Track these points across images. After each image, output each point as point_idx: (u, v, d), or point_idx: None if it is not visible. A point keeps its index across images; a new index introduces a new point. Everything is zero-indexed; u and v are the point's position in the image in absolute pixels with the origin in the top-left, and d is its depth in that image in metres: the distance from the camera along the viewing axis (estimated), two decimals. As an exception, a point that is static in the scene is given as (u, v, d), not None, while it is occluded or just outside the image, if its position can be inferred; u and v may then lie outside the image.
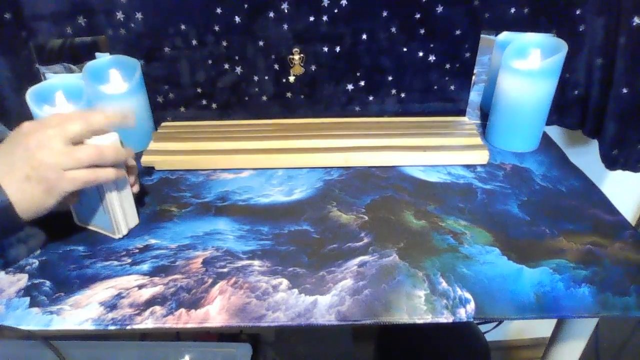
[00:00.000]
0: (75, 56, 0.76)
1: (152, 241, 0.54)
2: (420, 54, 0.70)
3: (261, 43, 0.68)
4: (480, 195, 0.61)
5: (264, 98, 0.73)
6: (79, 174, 0.46)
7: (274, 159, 0.66)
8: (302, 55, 0.69)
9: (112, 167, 0.48)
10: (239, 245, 0.53)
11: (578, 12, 0.67)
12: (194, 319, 0.44)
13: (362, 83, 0.72)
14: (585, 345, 0.62)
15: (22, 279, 0.49)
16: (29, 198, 0.44)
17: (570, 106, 0.75)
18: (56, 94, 0.62)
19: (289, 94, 0.73)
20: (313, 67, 0.70)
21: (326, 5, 0.65)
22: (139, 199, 0.60)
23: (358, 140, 0.68)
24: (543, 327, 1.23)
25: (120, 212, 0.52)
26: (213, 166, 0.67)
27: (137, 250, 0.52)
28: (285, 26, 0.67)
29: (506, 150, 0.70)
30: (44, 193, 0.45)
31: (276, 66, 0.70)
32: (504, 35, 0.76)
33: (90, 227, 0.55)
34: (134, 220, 0.55)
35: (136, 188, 0.55)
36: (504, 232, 0.54)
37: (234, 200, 0.60)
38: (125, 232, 0.54)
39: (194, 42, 0.68)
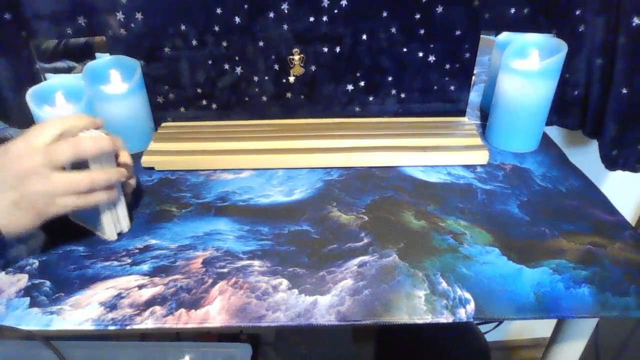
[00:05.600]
0: (70, 56, 0.76)
1: (152, 241, 0.54)
2: (420, 54, 0.70)
3: (261, 43, 0.68)
4: (480, 196, 0.61)
5: (264, 98, 0.73)
6: (69, 201, 0.46)
7: (274, 159, 0.66)
8: (302, 55, 0.69)
9: (103, 191, 0.48)
10: (239, 245, 0.53)
11: (578, 12, 0.67)
12: (194, 319, 0.44)
13: (362, 83, 0.72)
14: (585, 345, 0.62)
15: (22, 279, 0.49)
16: (15, 221, 0.44)
17: (570, 106, 0.75)
18: (56, 95, 0.62)
19: (289, 94, 0.73)
20: (313, 68, 0.70)
21: (326, 5, 0.65)
22: (138, 200, 0.60)
23: (358, 140, 0.68)
24: (543, 327, 1.23)
25: (110, 217, 0.52)
26: (213, 166, 0.67)
27: (137, 251, 0.52)
28: (285, 26, 0.67)
29: (506, 150, 0.70)
30: (32, 217, 0.45)
31: (276, 66, 0.70)
32: (504, 35, 0.76)
33: (83, 225, 0.55)
34: (125, 224, 0.55)
35: (133, 181, 0.54)
36: (504, 233, 0.54)
37: (234, 201, 0.60)
38: (115, 237, 0.53)
39: (194, 42, 0.68)
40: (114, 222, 0.53)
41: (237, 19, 0.66)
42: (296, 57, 0.69)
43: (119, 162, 0.52)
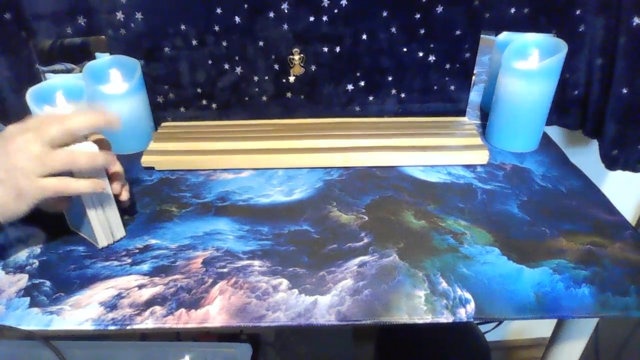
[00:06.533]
0: (68, 56, 0.76)
1: (152, 241, 0.54)
2: (420, 54, 0.70)
3: (261, 43, 0.68)
4: (480, 196, 0.61)
5: (264, 98, 0.73)
6: (48, 183, 0.44)
7: (274, 159, 0.66)
8: (302, 55, 0.69)
9: (87, 179, 0.46)
10: (239, 245, 0.53)
11: (578, 12, 0.67)
12: (194, 319, 0.44)
13: (362, 83, 0.72)
14: (585, 345, 0.62)
15: (22, 279, 0.49)
16: (1, 203, 0.44)
17: (570, 106, 0.75)
18: (56, 94, 0.62)
19: (289, 94, 0.73)
20: (313, 67, 0.70)
21: (326, 5, 0.65)
22: (138, 200, 0.60)
23: (358, 140, 0.68)
24: (543, 327, 1.23)
25: (99, 224, 0.51)
26: (213, 166, 0.67)
27: (137, 251, 0.52)
28: (285, 26, 0.67)
29: (506, 150, 0.70)
30: (14, 199, 0.44)
31: (276, 66, 0.70)
32: (504, 35, 0.76)
33: (79, 233, 0.54)
34: (118, 232, 0.53)
35: (125, 195, 0.53)
36: (504, 232, 0.54)
37: (234, 201, 0.60)
38: (105, 244, 0.52)
39: (194, 42, 0.68)
40: (104, 230, 0.52)
41: (237, 19, 0.66)
42: (296, 57, 0.69)
43: (110, 173, 0.51)
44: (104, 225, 0.52)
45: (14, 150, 0.43)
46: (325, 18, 0.66)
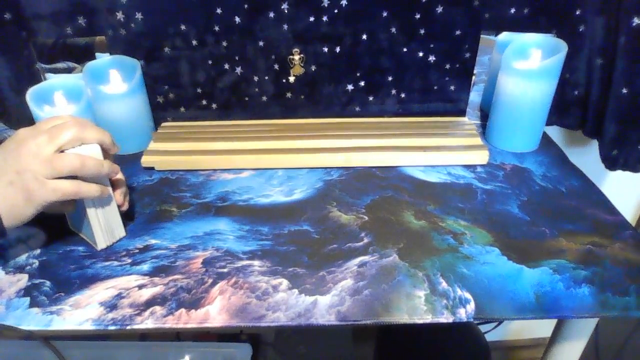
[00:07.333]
0: (70, 54, 0.76)
1: (152, 241, 0.54)
2: (420, 54, 0.70)
3: (261, 43, 0.68)
4: (480, 196, 0.61)
5: (264, 98, 0.73)
6: (60, 185, 0.45)
7: (274, 159, 0.66)
8: (302, 55, 0.69)
9: (96, 184, 0.47)
10: (239, 245, 0.53)
11: (578, 12, 0.67)
12: (194, 319, 0.44)
13: (362, 83, 0.72)
14: (585, 345, 0.62)
15: (22, 279, 0.49)
16: (10, 204, 0.44)
17: (570, 106, 0.75)
18: (56, 94, 0.62)
19: (289, 94, 0.73)
20: (313, 68, 0.70)
21: (326, 5, 0.65)
22: (138, 200, 0.60)
23: (358, 140, 0.68)
24: (543, 327, 1.23)
25: (99, 227, 0.51)
26: (213, 166, 0.67)
27: (137, 251, 0.52)
28: (285, 26, 0.67)
29: (506, 150, 0.70)
30: (23, 201, 0.44)
31: (276, 66, 0.70)
32: (504, 35, 0.76)
33: (79, 234, 0.54)
34: (118, 233, 0.53)
35: (125, 206, 0.53)
36: (504, 233, 0.54)
37: (234, 201, 0.60)
38: (104, 246, 0.52)
39: (194, 42, 0.68)
40: (104, 233, 0.52)
41: (237, 19, 0.66)
42: (296, 57, 0.69)
43: (113, 180, 0.51)
44: (104, 229, 0.52)
45: (26, 153, 0.44)
46: (325, 18, 0.66)
